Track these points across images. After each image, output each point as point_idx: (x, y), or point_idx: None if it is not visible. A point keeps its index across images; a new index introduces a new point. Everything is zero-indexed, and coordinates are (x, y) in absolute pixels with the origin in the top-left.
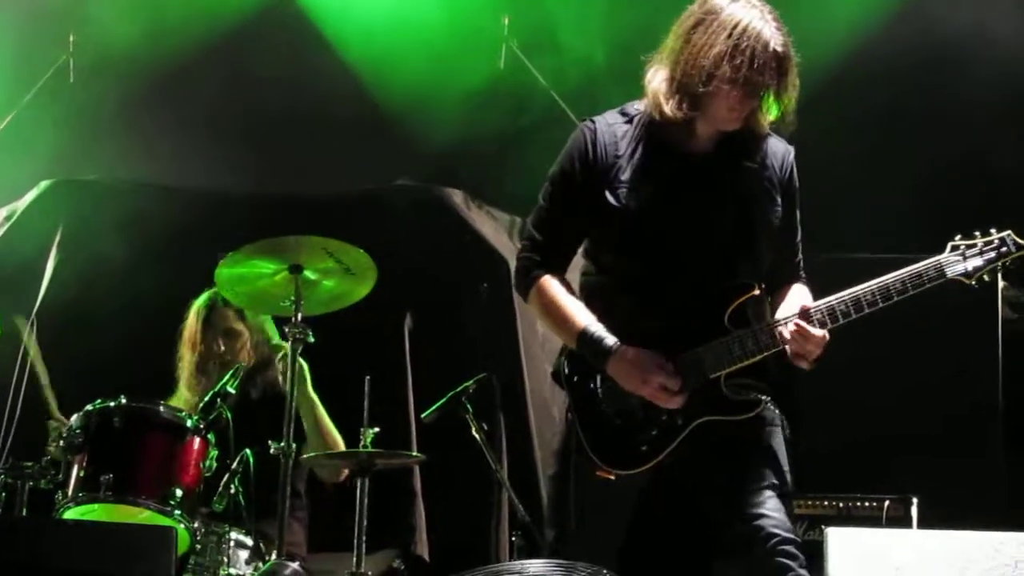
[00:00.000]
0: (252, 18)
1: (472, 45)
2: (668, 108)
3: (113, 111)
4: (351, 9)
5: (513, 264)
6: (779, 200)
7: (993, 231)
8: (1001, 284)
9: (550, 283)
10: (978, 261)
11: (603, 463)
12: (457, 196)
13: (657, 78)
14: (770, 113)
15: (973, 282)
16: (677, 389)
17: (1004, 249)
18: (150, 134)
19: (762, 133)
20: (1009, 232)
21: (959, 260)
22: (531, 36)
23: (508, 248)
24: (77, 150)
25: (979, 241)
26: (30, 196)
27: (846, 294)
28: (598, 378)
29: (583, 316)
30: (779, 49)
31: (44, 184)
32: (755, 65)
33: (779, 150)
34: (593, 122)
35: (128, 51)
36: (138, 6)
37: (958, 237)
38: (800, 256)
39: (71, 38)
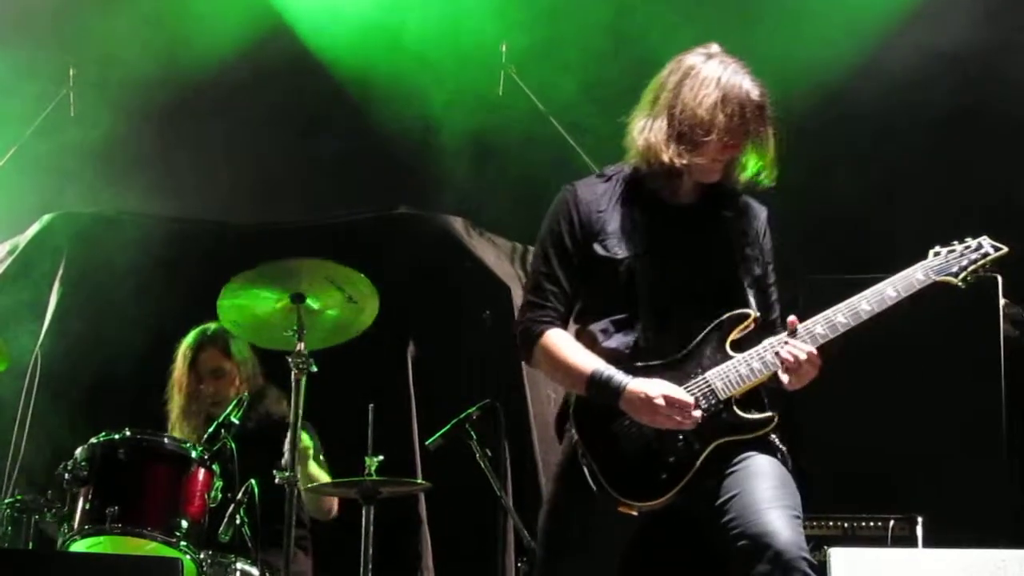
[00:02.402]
0: (250, 49)
1: (471, 72)
2: (667, 156)
3: (114, 144)
4: (349, 38)
5: (516, 329)
6: (757, 253)
7: (968, 238)
8: (1002, 302)
9: (553, 336)
10: (962, 262)
11: (624, 498)
12: (458, 223)
13: (650, 130)
14: (747, 170)
15: (960, 282)
16: (692, 403)
17: (982, 251)
18: (151, 166)
19: (738, 188)
20: (985, 236)
21: (943, 264)
22: (530, 62)
23: (510, 275)
24: (79, 183)
25: (958, 247)
26: (33, 230)
27: (843, 306)
28: (609, 417)
29: (590, 361)
30: (759, 99)
31: (46, 218)
32: (745, 113)
33: (755, 209)
34: (573, 185)
35: (128, 84)
36: (138, 40)
37: (938, 246)
38: (777, 313)
39: (71, 72)
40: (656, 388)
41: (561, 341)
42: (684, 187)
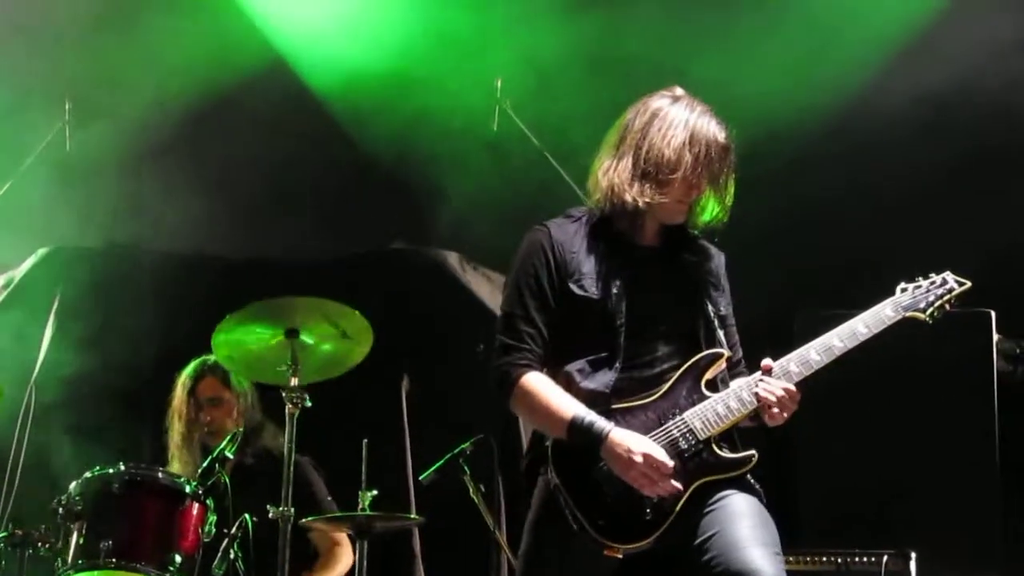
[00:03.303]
0: (247, 83)
1: (465, 107)
2: (630, 195)
3: (110, 178)
4: (344, 74)
5: (491, 372)
6: (721, 292)
7: (932, 274)
8: (996, 337)
9: (531, 379)
10: (929, 298)
11: (609, 541)
12: (452, 258)
13: (614, 170)
14: (704, 213)
15: (927, 318)
16: (671, 469)
17: (947, 286)
18: (146, 201)
19: (695, 232)
20: (948, 272)
21: (911, 300)
22: (524, 98)
23: None
24: (75, 217)
25: (924, 283)
26: (28, 263)
27: (815, 344)
28: (588, 460)
29: (571, 405)
30: (725, 141)
31: (41, 251)
32: (711, 153)
33: (713, 253)
34: (545, 225)
35: (124, 118)
36: (134, 73)
37: (903, 281)
38: (741, 354)
39: (67, 105)
40: (638, 445)
41: (539, 384)
42: (647, 229)
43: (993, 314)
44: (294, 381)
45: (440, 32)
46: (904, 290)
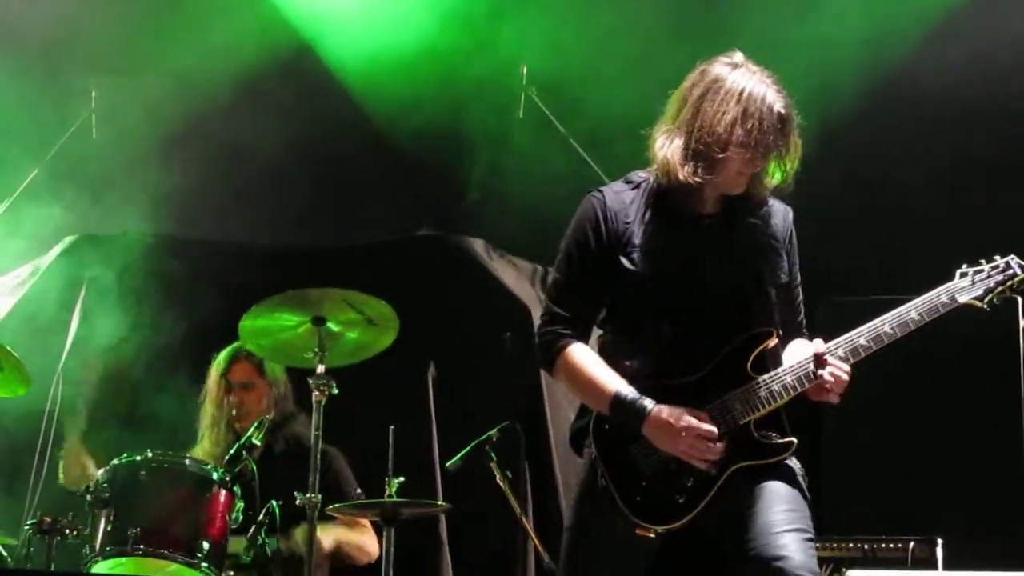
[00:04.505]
0: (272, 70)
1: (491, 93)
2: (683, 174)
3: (135, 166)
4: (369, 61)
5: (536, 338)
6: (783, 256)
7: (997, 257)
8: (1022, 323)
9: (576, 351)
10: (988, 284)
11: (642, 520)
12: (479, 245)
13: (669, 146)
14: (773, 177)
15: (985, 305)
16: (716, 437)
17: (1010, 271)
18: (172, 188)
19: (763, 196)
20: (1013, 256)
21: (969, 285)
22: (550, 84)
23: (530, 297)
24: (101, 206)
25: (986, 267)
26: (54, 252)
27: (865, 329)
28: (628, 436)
29: (614, 381)
30: (783, 111)
31: (68, 240)
32: (764, 127)
33: (780, 211)
34: (601, 192)
35: (150, 106)
36: (160, 61)
37: (964, 265)
38: (803, 315)
39: (93, 93)
40: (680, 419)
41: (584, 357)
42: (707, 199)
43: (1020, 300)
44: (321, 368)
45: (465, 17)
46: (964, 275)
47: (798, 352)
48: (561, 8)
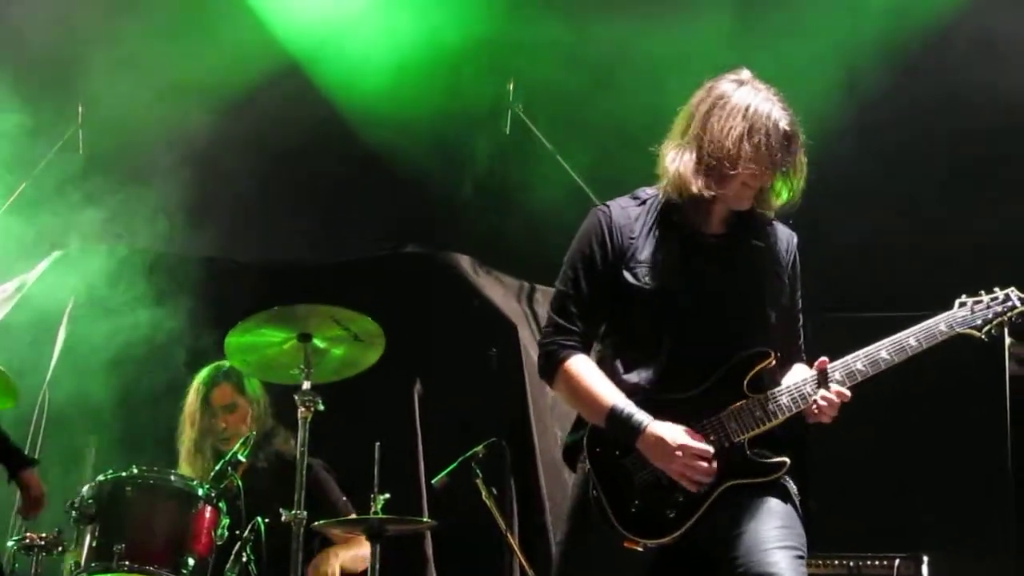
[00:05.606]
0: (260, 86)
1: (478, 110)
2: (696, 187)
3: (122, 181)
4: (356, 78)
5: (535, 353)
6: (785, 281)
7: (996, 289)
8: (1008, 341)
9: (577, 363)
10: (987, 315)
11: (632, 534)
12: (465, 261)
13: (680, 160)
14: (779, 196)
15: (983, 335)
16: (710, 456)
17: (1009, 303)
18: (159, 204)
19: (768, 216)
20: (1013, 288)
21: (968, 315)
22: (536, 100)
23: (517, 313)
24: (88, 221)
25: (985, 297)
26: (41, 267)
27: (861, 353)
28: (622, 449)
29: (612, 394)
30: (788, 128)
31: (55, 255)
32: (771, 143)
33: (784, 235)
34: (607, 206)
35: (137, 122)
36: (148, 76)
37: (964, 295)
38: (802, 340)
39: (80, 109)
40: (676, 436)
41: (584, 369)
42: (716, 216)
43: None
44: (307, 384)
45: (452, 34)
46: (963, 304)
47: (796, 376)
48: (548, 22)
